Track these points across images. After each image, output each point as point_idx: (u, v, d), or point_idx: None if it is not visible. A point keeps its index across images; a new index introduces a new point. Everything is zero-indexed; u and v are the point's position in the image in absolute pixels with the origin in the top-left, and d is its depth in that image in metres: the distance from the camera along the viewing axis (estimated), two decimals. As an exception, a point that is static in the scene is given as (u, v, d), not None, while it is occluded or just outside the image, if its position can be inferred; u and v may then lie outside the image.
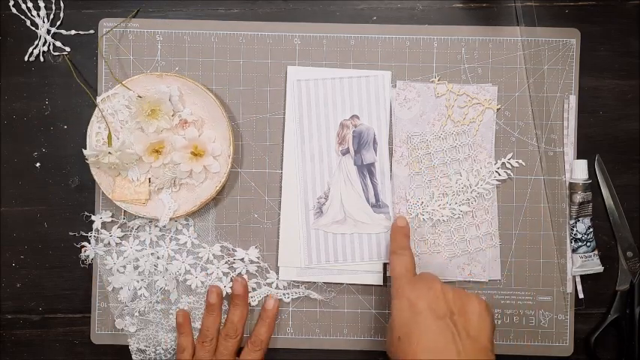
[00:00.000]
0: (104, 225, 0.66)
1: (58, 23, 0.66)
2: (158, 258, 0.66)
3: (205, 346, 0.63)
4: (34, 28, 0.66)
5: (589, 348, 0.66)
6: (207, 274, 0.66)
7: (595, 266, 0.65)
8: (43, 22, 0.66)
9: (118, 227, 0.66)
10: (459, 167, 0.66)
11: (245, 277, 0.66)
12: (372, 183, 0.65)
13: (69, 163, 0.67)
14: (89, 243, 0.66)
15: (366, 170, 0.65)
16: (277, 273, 0.66)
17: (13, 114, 0.67)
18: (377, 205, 0.65)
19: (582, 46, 0.66)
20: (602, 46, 0.67)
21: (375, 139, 0.65)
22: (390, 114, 0.66)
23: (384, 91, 0.65)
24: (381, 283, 0.65)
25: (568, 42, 0.66)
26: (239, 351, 0.64)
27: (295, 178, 0.65)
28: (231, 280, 0.66)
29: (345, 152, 0.65)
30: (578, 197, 0.65)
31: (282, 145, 0.66)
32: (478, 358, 0.50)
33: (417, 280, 0.56)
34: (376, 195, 0.65)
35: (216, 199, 0.66)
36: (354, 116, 0.65)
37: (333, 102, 0.65)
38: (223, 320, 0.65)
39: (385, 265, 0.66)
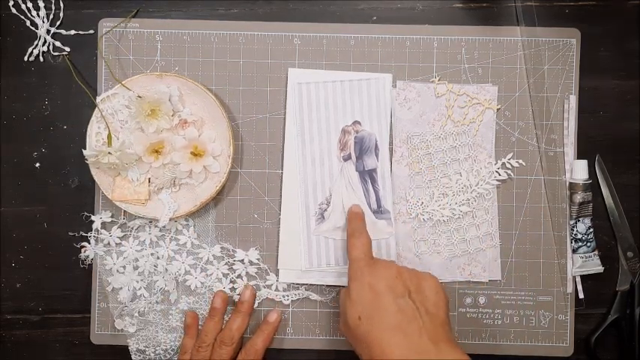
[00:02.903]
0: (104, 225, 0.66)
1: (58, 23, 0.66)
2: (158, 258, 0.66)
3: (201, 351, 0.62)
4: (33, 28, 0.66)
5: (589, 348, 0.66)
6: (207, 274, 0.66)
7: (595, 266, 0.65)
8: (43, 22, 0.66)
9: (118, 227, 0.66)
10: (459, 167, 0.66)
11: (245, 279, 0.66)
12: (373, 189, 0.65)
13: (69, 163, 0.67)
14: (89, 243, 0.66)
15: (368, 176, 0.65)
16: (277, 275, 0.66)
17: (12, 114, 0.67)
18: (378, 211, 0.65)
19: (582, 46, 0.66)
20: (603, 46, 0.67)
21: (376, 144, 0.65)
22: (391, 115, 0.66)
23: (385, 94, 0.65)
24: None
25: (568, 42, 0.66)
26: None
27: (296, 181, 0.65)
28: (231, 282, 0.66)
29: (347, 158, 0.65)
30: (579, 197, 0.65)
31: (283, 149, 0.66)
32: (438, 331, 0.52)
33: (375, 263, 0.57)
34: (378, 201, 0.65)
35: (216, 199, 0.66)
36: (355, 122, 0.65)
37: (334, 105, 0.65)
38: None
39: None
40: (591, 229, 0.65)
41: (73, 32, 0.66)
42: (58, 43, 0.66)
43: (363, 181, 0.65)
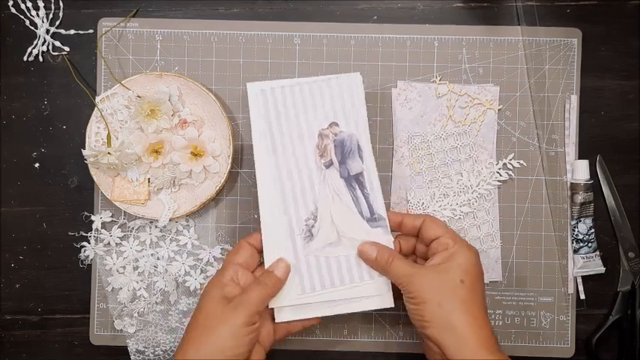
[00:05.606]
0: (104, 225, 0.66)
1: (57, 23, 0.66)
2: (158, 259, 0.65)
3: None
4: (33, 28, 0.66)
5: (590, 349, 0.66)
6: (207, 276, 0.66)
7: (596, 267, 0.65)
8: (43, 22, 0.66)
9: (118, 227, 0.66)
10: (460, 168, 0.66)
11: None
12: (362, 195, 0.59)
13: (68, 163, 0.66)
14: (89, 243, 0.65)
15: (355, 181, 0.59)
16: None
17: (12, 114, 0.67)
18: (372, 218, 0.59)
19: (584, 45, 0.66)
20: (604, 46, 0.66)
21: (359, 146, 0.60)
22: (392, 115, 0.66)
23: (358, 91, 0.60)
24: (392, 304, 0.58)
25: (569, 42, 0.66)
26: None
27: (275, 203, 0.59)
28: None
29: (329, 165, 0.59)
30: (580, 198, 0.64)
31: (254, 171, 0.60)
32: None
33: None
34: (369, 207, 0.59)
35: (216, 200, 0.66)
36: (332, 124, 0.60)
37: (305, 109, 0.60)
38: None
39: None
40: (592, 230, 0.65)
41: (72, 32, 0.66)
42: (57, 43, 0.66)
43: (351, 188, 0.59)
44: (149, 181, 0.64)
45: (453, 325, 0.52)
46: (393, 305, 0.58)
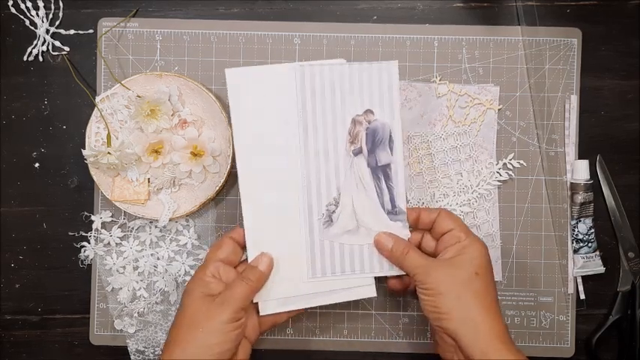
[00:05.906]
0: (104, 225, 0.66)
1: (57, 23, 0.66)
2: (158, 259, 0.65)
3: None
4: (33, 28, 0.66)
5: (590, 349, 0.65)
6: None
7: (596, 267, 0.65)
8: (42, 22, 0.66)
9: (118, 227, 0.66)
10: (460, 168, 0.66)
11: None
12: (387, 187, 0.59)
13: (68, 163, 0.66)
14: (89, 243, 0.65)
15: (381, 172, 0.59)
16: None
17: (12, 114, 0.67)
18: (393, 211, 0.59)
19: (584, 45, 0.66)
20: (604, 46, 0.66)
21: (391, 137, 0.59)
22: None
23: (394, 82, 0.59)
24: (374, 294, 0.60)
25: (569, 42, 0.66)
26: None
27: (299, 180, 0.59)
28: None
29: (358, 152, 0.59)
30: (580, 197, 0.64)
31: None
32: None
33: None
34: (392, 200, 0.59)
35: (216, 200, 0.66)
36: (367, 111, 0.59)
37: (342, 92, 0.58)
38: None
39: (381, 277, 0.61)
40: (592, 230, 0.65)
41: (72, 32, 0.66)
42: (57, 43, 0.66)
43: (376, 179, 0.59)
44: (149, 181, 0.64)
45: (468, 317, 0.53)
46: (375, 295, 0.59)
